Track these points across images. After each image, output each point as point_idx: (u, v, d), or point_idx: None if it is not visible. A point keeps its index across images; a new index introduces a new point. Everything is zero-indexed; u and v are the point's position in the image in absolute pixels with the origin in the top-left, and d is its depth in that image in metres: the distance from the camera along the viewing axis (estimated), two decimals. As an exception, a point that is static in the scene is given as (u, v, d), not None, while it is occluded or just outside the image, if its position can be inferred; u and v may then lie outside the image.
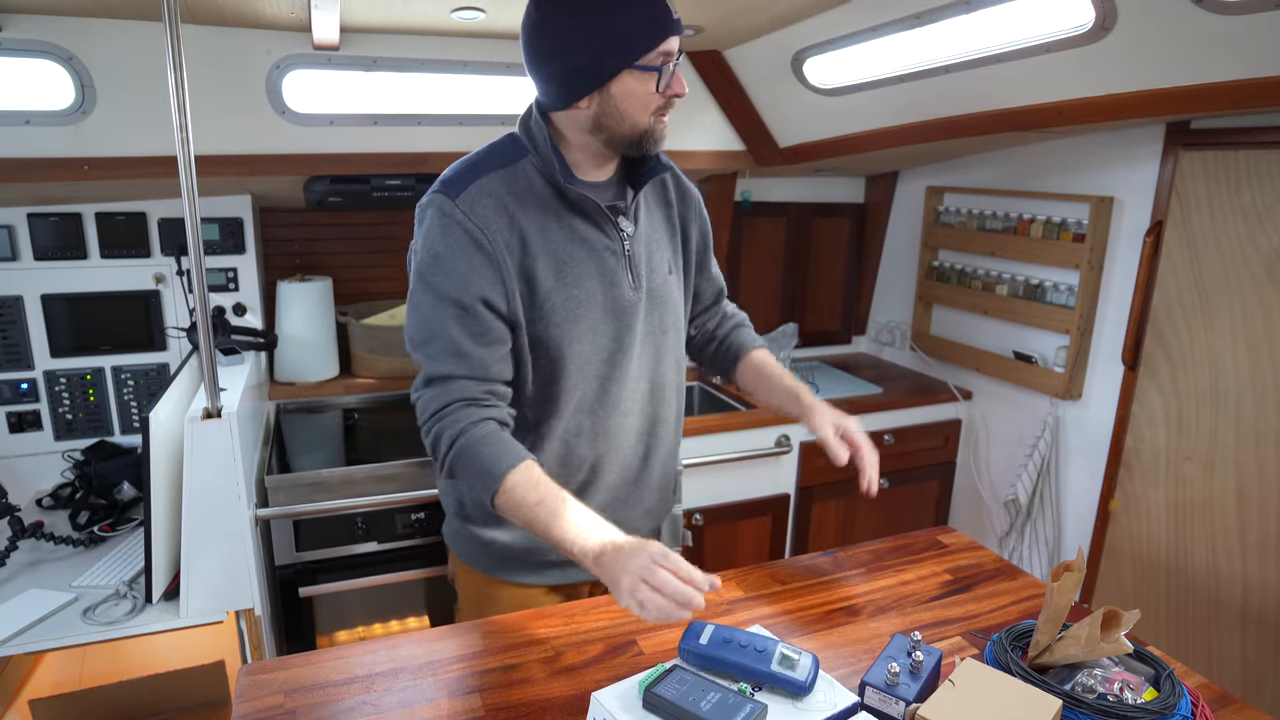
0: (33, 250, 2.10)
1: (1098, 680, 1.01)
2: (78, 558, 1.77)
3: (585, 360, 1.30)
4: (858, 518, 2.76)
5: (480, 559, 1.45)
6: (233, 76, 1.98)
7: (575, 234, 1.28)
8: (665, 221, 1.43)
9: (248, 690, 1.05)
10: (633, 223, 1.34)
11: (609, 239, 1.30)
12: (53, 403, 2.17)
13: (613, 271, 1.30)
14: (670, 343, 1.42)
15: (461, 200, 1.22)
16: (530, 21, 1.21)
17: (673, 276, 1.42)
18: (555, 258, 1.26)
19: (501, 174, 1.25)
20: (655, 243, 1.38)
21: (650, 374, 1.40)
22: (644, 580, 1.02)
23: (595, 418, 1.35)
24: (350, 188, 2.26)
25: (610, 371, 1.34)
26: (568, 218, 1.28)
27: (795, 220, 3.07)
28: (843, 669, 1.13)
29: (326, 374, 2.45)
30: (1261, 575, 2.02)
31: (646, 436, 1.43)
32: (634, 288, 1.33)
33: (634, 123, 1.23)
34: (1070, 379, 2.40)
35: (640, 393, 1.39)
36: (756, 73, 2.40)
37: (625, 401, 1.37)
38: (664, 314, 1.39)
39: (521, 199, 1.25)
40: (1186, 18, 1.53)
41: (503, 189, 1.24)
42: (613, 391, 1.35)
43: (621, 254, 1.32)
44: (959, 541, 1.53)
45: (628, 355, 1.34)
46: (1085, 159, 2.34)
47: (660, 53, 1.18)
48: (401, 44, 2.07)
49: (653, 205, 1.41)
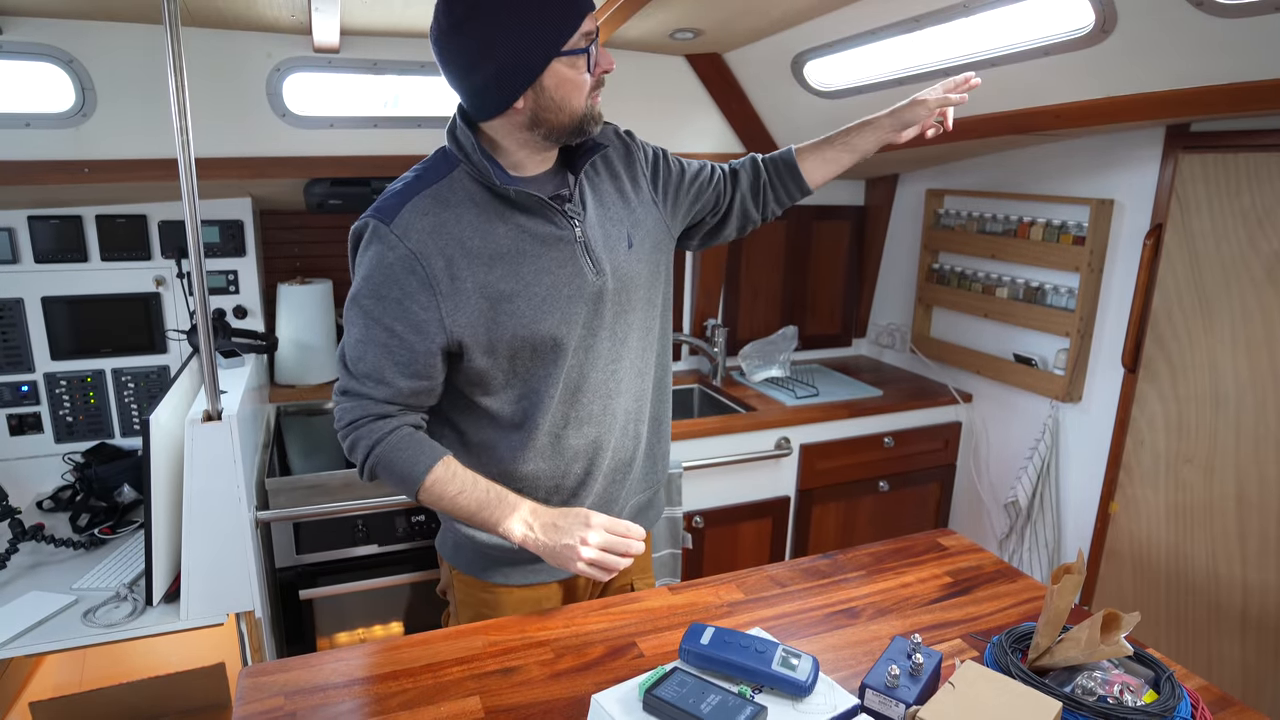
0: (33, 253, 2.10)
1: (1098, 682, 1.01)
2: (78, 560, 1.77)
3: (560, 352, 1.29)
4: (858, 520, 2.77)
5: (476, 564, 1.44)
6: (233, 79, 1.98)
7: (524, 231, 1.26)
8: (618, 194, 1.38)
9: (248, 692, 1.05)
10: (580, 207, 1.31)
11: (559, 229, 1.27)
12: (53, 405, 2.17)
13: (571, 260, 1.28)
14: (638, 319, 1.39)
15: (395, 225, 1.20)
16: (445, 35, 1.18)
17: (632, 250, 1.36)
18: (508, 260, 1.25)
19: (435, 190, 1.24)
20: (611, 221, 1.35)
21: (626, 353, 1.38)
22: (587, 544, 1.17)
23: (578, 405, 1.34)
24: (350, 190, 2.26)
25: (585, 358, 1.32)
26: (513, 217, 1.26)
27: (795, 223, 3.07)
28: (843, 671, 1.13)
29: (327, 377, 2.45)
30: (1261, 578, 2.01)
31: (636, 413, 1.42)
32: (595, 271, 1.30)
33: (572, 110, 1.22)
34: (1070, 382, 2.40)
35: (620, 373, 1.37)
36: (757, 75, 2.40)
37: (607, 383, 1.35)
38: (631, 291, 1.36)
39: (459, 212, 1.23)
40: (1186, 20, 1.53)
41: (437, 207, 1.23)
42: (592, 377, 1.33)
43: (575, 240, 1.28)
44: (959, 544, 1.53)
45: (599, 339, 1.33)
46: (1085, 162, 2.35)
47: (583, 34, 1.18)
48: (401, 47, 2.07)
49: (602, 181, 1.37)
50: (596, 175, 1.37)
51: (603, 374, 1.34)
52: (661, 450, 1.53)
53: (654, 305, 1.43)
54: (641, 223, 1.39)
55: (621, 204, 1.38)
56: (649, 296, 1.40)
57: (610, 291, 1.32)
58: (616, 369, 1.36)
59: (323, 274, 2.54)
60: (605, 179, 1.38)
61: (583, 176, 1.33)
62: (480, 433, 1.36)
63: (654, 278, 1.41)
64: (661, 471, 1.55)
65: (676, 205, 1.47)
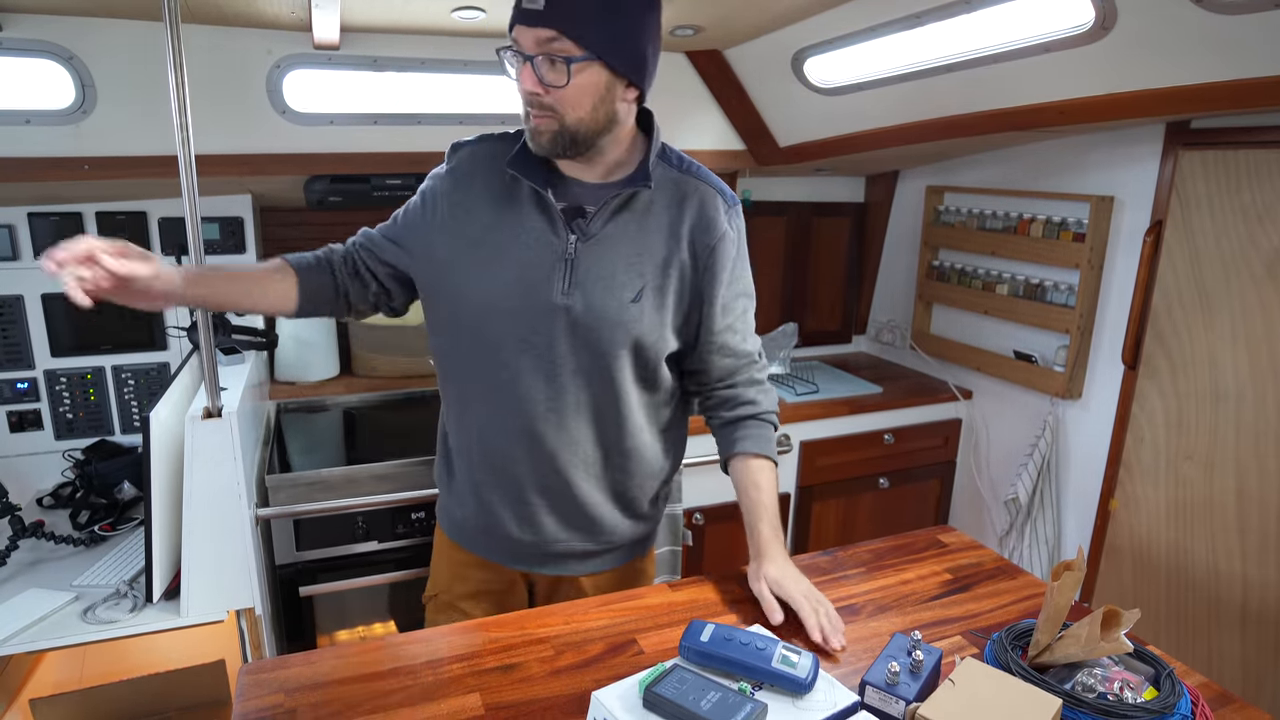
0: (33, 249, 2.10)
1: (1098, 679, 1.01)
2: (78, 557, 1.77)
3: (491, 343, 1.29)
4: (858, 517, 2.77)
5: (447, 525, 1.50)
6: (233, 76, 1.98)
7: (523, 222, 1.26)
8: (664, 249, 1.28)
9: (248, 689, 1.05)
10: (599, 227, 1.25)
11: (555, 235, 1.25)
12: (53, 402, 2.17)
13: (545, 267, 1.24)
14: (606, 368, 1.28)
15: (454, 155, 1.35)
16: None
17: (638, 304, 1.26)
18: (495, 237, 1.27)
19: (495, 147, 1.32)
20: (628, 263, 1.26)
21: (579, 390, 1.30)
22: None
23: (502, 406, 1.31)
24: (350, 187, 2.26)
25: (519, 364, 1.28)
26: (523, 203, 1.27)
27: (795, 219, 3.07)
28: (843, 668, 1.13)
29: (327, 373, 2.45)
30: (1261, 574, 2.02)
31: (567, 449, 1.33)
32: (565, 293, 1.24)
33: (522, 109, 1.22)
34: (1070, 378, 2.40)
35: (563, 406, 1.30)
36: (757, 72, 2.40)
37: (538, 404, 1.29)
38: (602, 336, 1.26)
39: (491, 170, 1.30)
40: (1186, 17, 1.53)
41: (485, 159, 1.31)
42: (524, 383, 1.28)
43: (562, 255, 1.24)
44: (959, 541, 1.53)
45: (544, 357, 1.27)
46: (1085, 158, 2.34)
47: (511, 38, 1.16)
48: (402, 43, 2.07)
49: (654, 226, 1.27)
50: (664, 216, 1.28)
51: (533, 390, 1.29)
52: (601, 512, 1.40)
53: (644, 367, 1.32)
54: (662, 287, 1.29)
55: (659, 257, 1.28)
56: (639, 351, 1.30)
57: (575, 320, 1.25)
58: (556, 397, 1.29)
59: (323, 271, 2.53)
60: (663, 230, 1.28)
61: (636, 207, 1.27)
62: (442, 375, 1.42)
63: (639, 340, 1.28)
64: (603, 536, 1.43)
65: (668, 313, 1.32)
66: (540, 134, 1.19)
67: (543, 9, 1.11)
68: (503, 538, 1.41)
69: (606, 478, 1.39)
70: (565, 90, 1.15)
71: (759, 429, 1.40)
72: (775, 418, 1.44)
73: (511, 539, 1.40)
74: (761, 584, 1.25)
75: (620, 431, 1.35)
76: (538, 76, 1.15)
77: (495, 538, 1.42)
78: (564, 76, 1.14)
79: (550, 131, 1.19)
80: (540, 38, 1.12)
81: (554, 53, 1.13)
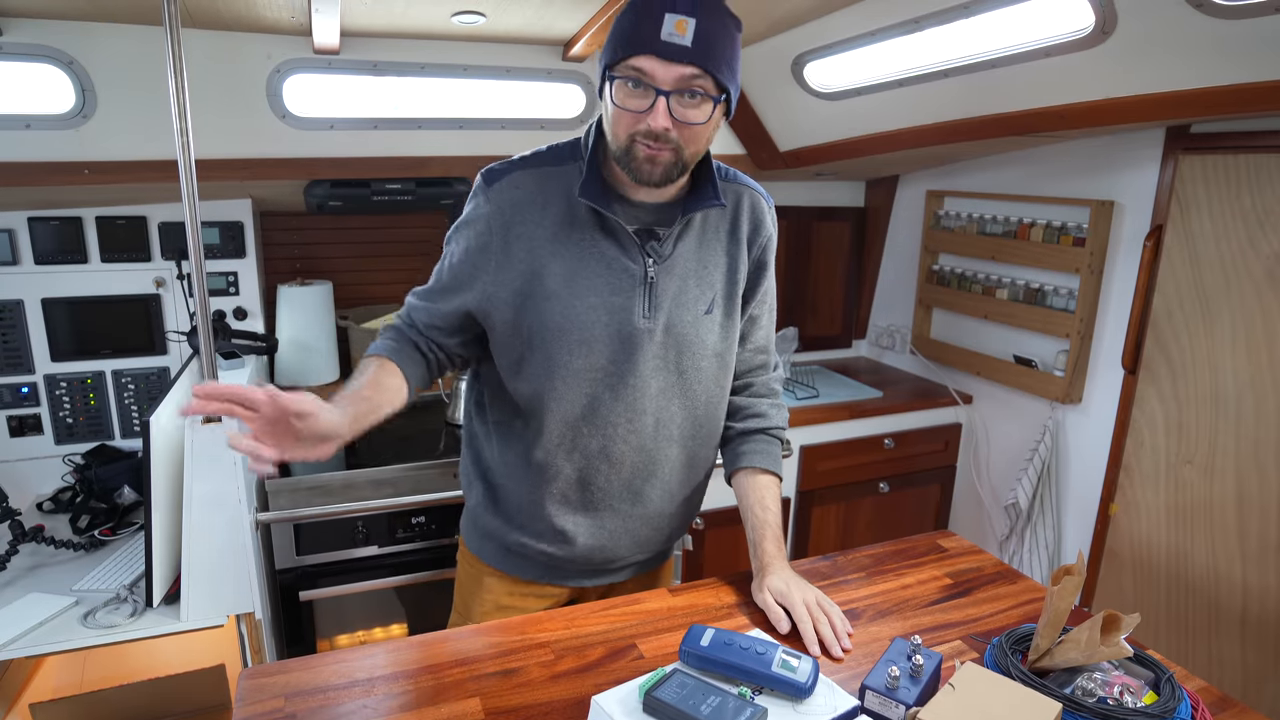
0: (33, 254, 2.10)
1: (1098, 684, 1.01)
2: (78, 562, 1.77)
3: (574, 374, 1.26)
4: (858, 522, 2.77)
5: (477, 544, 1.47)
6: (233, 80, 1.98)
7: (594, 248, 1.23)
8: (726, 256, 1.32)
9: (248, 694, 1.05)
10: (671, 248, 1.26)
11: (631, 260, 1.24)
12: (53, 406, 2.17)
13: (625, 293, 1.24)
14: (688, 384, 1.32)
15: (493, 187, 1.25)
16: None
17: (711, 315, 1.31)
18: (566, 266, 1.23)
19: (543, 171, 1.25)
20: (697, 277, 1.29)
21: (659, 410, 1.32)
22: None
23: (580, 435, 1.30)
24: (350, 192, 2.26)
25: (600, 393, 1.28)
26: (593, 230, 1.24)
27: (795, 224, 3.07)
28: (843, 672, 1.13)
29: (327, 378, 2.45)
30: (1261, 579, 2.01)
31: (644, 471, 1.35)
32: (646, 316, 1.26)
33: (614, 138, 1.18)
34: (1070, 383, 2.40)
35: (642, 427, 1.31)
36: (757, 76, 2.40)
37: (619, 428, 1.30)
38: (682, 353, 1.30)
39: (549, 201, 1.24)
40: (1186, 22, 1.53)
41: (535, 187, 1.24)
42: (601, 413, 1.29)
43: (642, 280, 1.25)
44: (959, 545, 1.53)
45: (625, 383, 1.28)
46: (1085, 163, 2.35)
47: (631, 66, 1.11)
48: (402, 48, 2.07)
49: (713, 237, 1.31)
50: (721, 229, 1.32)
51: (616, 417, 1.30)
52: (667, 519, 1.44)
53: (713, 377, 1.36)
54: (727, 295, 1.34)
55: (724, 269, 1.32)
56: (708, 366, 1.34)
57: (658, 341, 1.28)
58: (639, 421, 1.31)
59: (323, 275, 2.54)
60: (724, 239, 1.33)
61: (694, 222, 1.28)
62: (499, 412, 1.37)
63: (714, 351, 1.34)
64: (661, 541, 1.48)
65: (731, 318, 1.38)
66: (655, 165, 1.16)
67: (690, 45, 1.09)
68: (568, 560, 1.39)
69: (682, 494, 1.43)
70: (698, 127, 1.15)
71: (767, 444, 1.43)
72: (783, 434, 1.47)
73: (577, 560, 1.39)
74: (765, 594, 1.25)
75: (706, 448, 1.41)
76: (671, 112, 1.12)
77: (559, 560, 1.40)
78: (705, 115, 1.14)
79: (666, 164, 1.17)
80: (683, 75, 1.11)
81: (695, 89, 1.12)
